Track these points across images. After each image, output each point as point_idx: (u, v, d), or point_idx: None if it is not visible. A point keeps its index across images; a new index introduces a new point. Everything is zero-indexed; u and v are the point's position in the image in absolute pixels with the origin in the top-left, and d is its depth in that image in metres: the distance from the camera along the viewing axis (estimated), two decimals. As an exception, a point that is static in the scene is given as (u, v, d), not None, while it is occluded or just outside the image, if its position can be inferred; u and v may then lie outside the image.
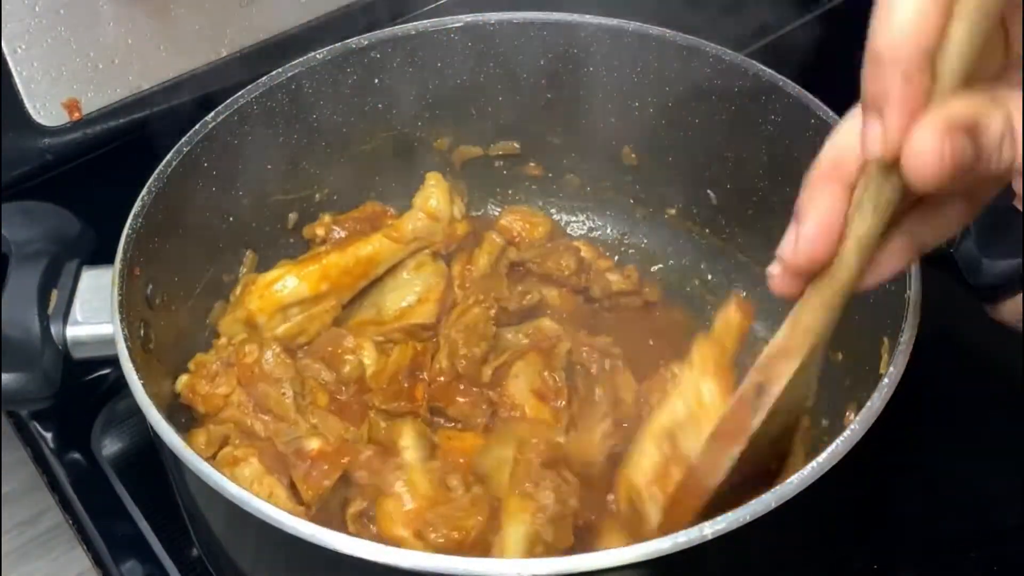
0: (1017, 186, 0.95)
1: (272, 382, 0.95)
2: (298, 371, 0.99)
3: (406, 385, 1.00)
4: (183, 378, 0.96)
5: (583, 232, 1.22)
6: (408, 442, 0.92)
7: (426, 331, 1.05)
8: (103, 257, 0.93)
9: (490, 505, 0.88)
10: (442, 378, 1.00)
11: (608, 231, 1.22)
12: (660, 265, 1.20)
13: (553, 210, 1.23)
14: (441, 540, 0.84)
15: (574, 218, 1.23)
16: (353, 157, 1.15)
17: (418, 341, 1.04)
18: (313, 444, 0.90)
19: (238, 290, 1.04)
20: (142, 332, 0.91)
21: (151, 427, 0.81)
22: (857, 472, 0.80)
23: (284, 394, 0.94)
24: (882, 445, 0.81)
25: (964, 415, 1.11)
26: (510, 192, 1.22)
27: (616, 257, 1.20)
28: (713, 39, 1.06)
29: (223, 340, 1.00)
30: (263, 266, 1.09)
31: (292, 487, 0.89)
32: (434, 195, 1.07)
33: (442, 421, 1.01)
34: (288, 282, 1.02)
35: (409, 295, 1.06)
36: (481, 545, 0.86)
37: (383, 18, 1.15)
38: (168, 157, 0.97)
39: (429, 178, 1.09)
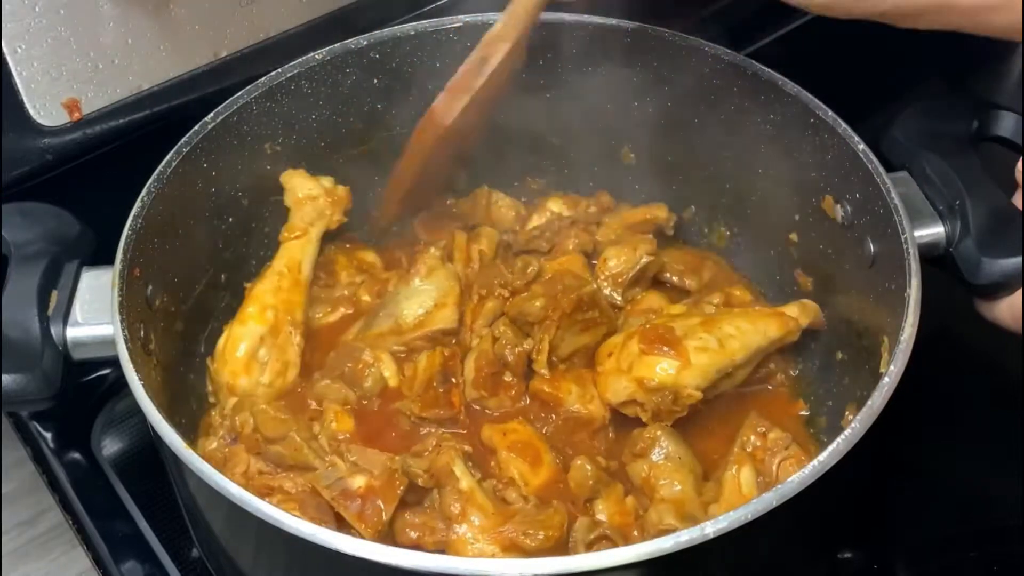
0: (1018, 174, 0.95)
1: (281, 440, 0.93)
2: (317, 394, 0.99)
3: (441, 391, 0.99)
4: None
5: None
6: (460, 468, 0.90)
7: (447, 336, 1.04)
8: (103, 258, 0.93)
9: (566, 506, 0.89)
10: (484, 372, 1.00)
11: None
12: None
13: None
14: (538, 543, 0.84)
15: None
16: (352, 158, 1.14)
17: (443, 347, 1.03)
18: (359, 482, 0.88)
19: (209, 387, 1.02)
20: (142, 333, 0.91)
21: (151, 427, 0.81)
22: (857, 471, 0.80)
23: (297, 447, 0.92)
24: (882, 444, 0.82)
25: (963, 414, 1.11)
26: (509, 193, 1.21)
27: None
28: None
29: (216, 418, 0.99)
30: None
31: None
32: (297, 187, 1.08)
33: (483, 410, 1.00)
34: (236, 333, 1.00)
35: (426, 301, 1.05)
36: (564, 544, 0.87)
37: (382, 19, 1.14)
38: (168, 157, 0.97)
39: (284, 179, 1.09)
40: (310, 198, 1.08)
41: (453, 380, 1.00)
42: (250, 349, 1.00)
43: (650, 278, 1.11)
